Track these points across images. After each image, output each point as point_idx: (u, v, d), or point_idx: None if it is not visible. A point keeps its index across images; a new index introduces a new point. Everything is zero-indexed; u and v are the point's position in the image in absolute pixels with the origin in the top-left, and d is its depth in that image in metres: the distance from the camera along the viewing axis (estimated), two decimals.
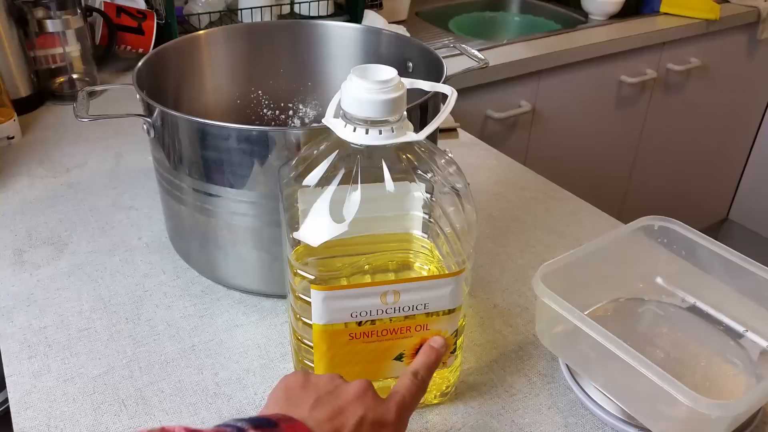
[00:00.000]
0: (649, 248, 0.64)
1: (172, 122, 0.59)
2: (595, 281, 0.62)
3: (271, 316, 0.65)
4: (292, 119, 0.85)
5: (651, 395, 0.48)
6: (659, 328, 0.61)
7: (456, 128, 1.04)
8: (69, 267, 0.71)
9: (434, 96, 0.62)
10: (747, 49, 1.80)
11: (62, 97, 1.08)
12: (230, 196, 0.60)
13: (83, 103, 0.63)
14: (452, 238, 0.48)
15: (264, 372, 0.59)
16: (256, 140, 0.56)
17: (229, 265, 0.65)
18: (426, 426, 0.54)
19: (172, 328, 0.63)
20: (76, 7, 1.05)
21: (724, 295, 0.61)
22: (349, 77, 0.44)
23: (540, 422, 0.55)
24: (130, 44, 1.17)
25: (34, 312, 0.65)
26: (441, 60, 0.68)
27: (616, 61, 1.52)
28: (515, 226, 0.80)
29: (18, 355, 0.60)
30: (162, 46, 0.71)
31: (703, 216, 2.17)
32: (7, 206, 0.81)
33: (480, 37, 1.48)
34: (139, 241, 0.75)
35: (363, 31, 0.79)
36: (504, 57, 1.32)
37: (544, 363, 0.60)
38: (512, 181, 0.90)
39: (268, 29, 0.81)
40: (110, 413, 0.54)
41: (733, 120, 1.95)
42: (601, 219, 0.82)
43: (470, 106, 1.33)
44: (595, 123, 1.60)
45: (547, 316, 0.56)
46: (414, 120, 0.48)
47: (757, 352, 0.58)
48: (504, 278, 0.71)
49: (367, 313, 0.47)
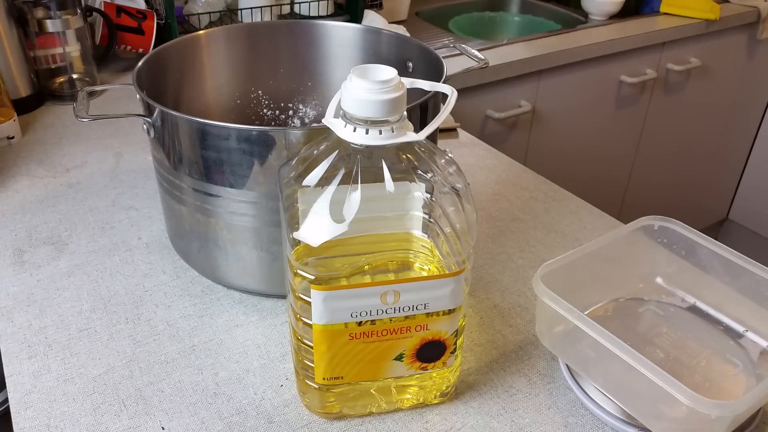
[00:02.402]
0: (649, 248, 0.64)
1: (172, 122, 0.59)
2: (595, 281, 0.62)
3: (271, 316, 0.65)
4: (292, 119, 0.85)
5: (651, 395, 0.48)
6: (659, 328, 0.61)
7: (456, 128, 1.04)
8: (69, 267, 0.71)
9: (434, 96, 0.62)
10: (747, 49, 1.80)
11: (62, 97, 1.08)
12: (230, 196, 0.60)
13: (83, 103, 0.63)
14: (452, 238, 0.48)
15: (264, 372, 0.59)
16: (256, 140, 0.56)
17: (229, 265, 0.65)
18: (426, 426, 0.54)
19: (172, 328, 0.63)
20: (76, 7, 1.05)
21: (724, 295, 0.61)
22: (349, 77, 0.44)
23: (540, 422, 0.55)
24: (130, 44, 1.17)
25: (34, 312, 0.65)
26: (441, 60, 0.68)
27: (616, 61, 1.52)
28: (515, 226, 0.80)
29: (18, 355, 0.60)
30: (162, 46, 0.71)
31: (703, 216, 2.17)
32: (7, 206, 0.81)
33: (480, 37, 1.48)
34: (139, 241, 0.75)
35: (363, 31, 0.79)
36: (504, 57, 1.32)
37: (544, 363, 0.60)
38: (512, 181, 0.90)
39: (268, 29, 0.81)
40: (110, 413, 0.54)
41: (733, 120, 1.95)
42: (601, 219, 0.82)
43: (470, 106, 1.33)
44: (595, 123, 1.60)
45: (547, 316, 0.56)
46: (414, 120, 0.48)
47: (757, 352, 0.58)
48: (504, 278, 0.71)
49: (367, 313, 0.47)
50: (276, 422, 0.54)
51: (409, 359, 0.50)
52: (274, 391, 0.57)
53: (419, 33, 1.47)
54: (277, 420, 0.54)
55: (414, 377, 0.53)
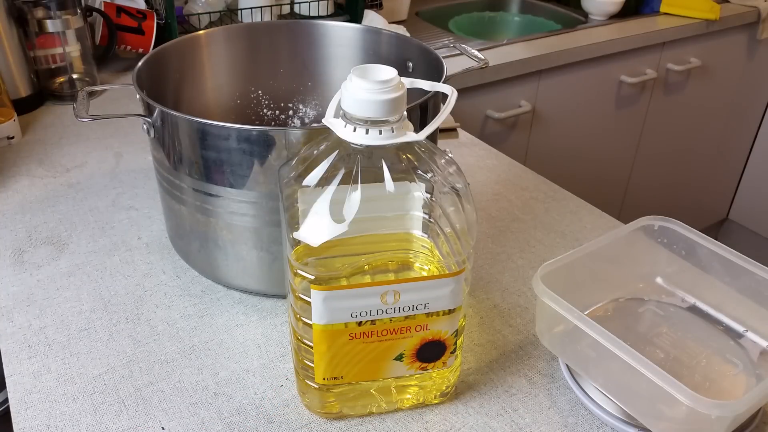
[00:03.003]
0: (649, 248, 0.64)
1: (172, 122, 0.59)
2: (595, 281, 0.62)
3: (271, 316, 0.65)
4: (292, 119, 0.85)
5: (651, 395, 0.48)
6: (659, 328, 0.61)
7: (456, 128, 1.04)
8: (69, 267, 0.71)
9: (434, 96, 0.62)
10: (747, 49, 1.80)
11: (62, 97, 1.08)
12: (230, 196, 0.60)
13: (83, 103, 0.63)
14: (452, 238, 0.48)
15: (264, 372, 0.59)
16: (256, 140, 0.56)
17: (229, 265, 0.65)
18: (426, 426, 0.54)
19: (172, 328, 0.63)
20: (76, 7, 1.05)
21: (724, 295, 0.61)
22: (349, 77, 0.44)
23: (540, 422, 0.55)
24: (130, 44, 1.17)
25: (34, 312, 0.65)
26: (441, 60, 0.68)
27: (616, 61, 1.52)
28: (515, 226, 0.80)
29: (18, 355, 0.60)
30: (162, 46, 0.71)
31: (703, 216, 2.17)
32: (7, 206, 0.81)
33: (480, 37, 1.48)
34: (139, 241, 0.75)
35: (363, 31, 0.79)
36: (504, 57, 1.32)
37: (544, 363, 0.60)
38: (512, 181, 0.90)
39: (268, 29, 0.81)
40: (110, 413, 0.54)
41: (733, 120, 1.95)
42: (601, 219, 0.82)
43: (470, 106, 1.33)
44: (595, 123, 1.60)
45: (547, 316, 0.56)
46: (414, 120, 0.48)
47: (757, 352, 0.58)
48: (504, 278, 0.71)
49: (367, 313, 0.47)
50: (276, 422, 0.54)
51: (409, 359, 0.50)
52: (274, 391, 0.57)
53: (419, 33, 1.47)
54: (277, 420, 0.54)
55: (414, 377, 0.52)
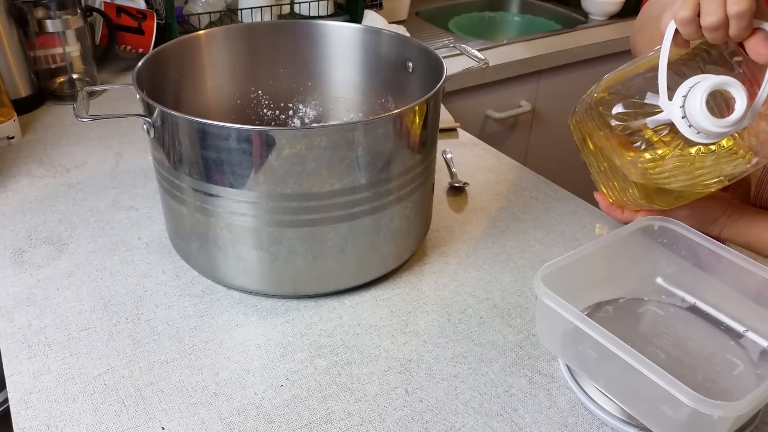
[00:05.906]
0: (649, 248, 0.64)
1: (172, 122, 0.59)
2: (595, 281, 0.62)
3: (271, 316, 0.65)
4: (292, 119, 0.85)
5: (652, 396, 0.48)
6: (659, 328, 0.61)
7: (456, 128, 1.04)
8: (69, 267, 0.71)
9: (434, 96, 0.62)
10: None
11: (62, 97, 1.08)
12: (230, 196, 0.60)
13: (83, 103, 0.63)
14: None
15: (264, 372, 0.59)
16: (256, 140, 0.56)
17: (229, 265, 0.65)
18: (426, 426, 0.54)
19: (172, 328, 0.63)
20: (76, 7, 1.05)
21: (724, 295, 0.61)
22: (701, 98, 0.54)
23: (540, 422, 0.55)
24: (130, 44, 1.17)
25: (34, 312, 0.65)
26: (441, 60, 0.67)
27: (616, 61, 1.52)
28: (515, 226, 0.80)
29: (18, 355, 0.60)
30: (162, 46, 0.71)
31: None
32: (7, 206, 0.81)
33: (480, 37, 1.48)
34: (139, 241, 0.75)
35: (363, 31, 0.79)
36: (504, 57, 1.32)
37: (544, 363, 0.60)
38: (512, 181, 0.90)
39: (268, 29, 0.81)
40: (110, 413, 0.54)
41: None
42: (601, 219, 0.82)
43: (470, 106, 1.33)
44: None
45: (548, 317, 0.56)
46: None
47: (757, 352, 0.58)
48: (504, 278, 0.71)
49: None
50: (276, 422, 0.54)
51: None
52: (274, 391, 0.57)
53: (419, 33, 1.47)
54: (277, 420, 0.54)
55: None
